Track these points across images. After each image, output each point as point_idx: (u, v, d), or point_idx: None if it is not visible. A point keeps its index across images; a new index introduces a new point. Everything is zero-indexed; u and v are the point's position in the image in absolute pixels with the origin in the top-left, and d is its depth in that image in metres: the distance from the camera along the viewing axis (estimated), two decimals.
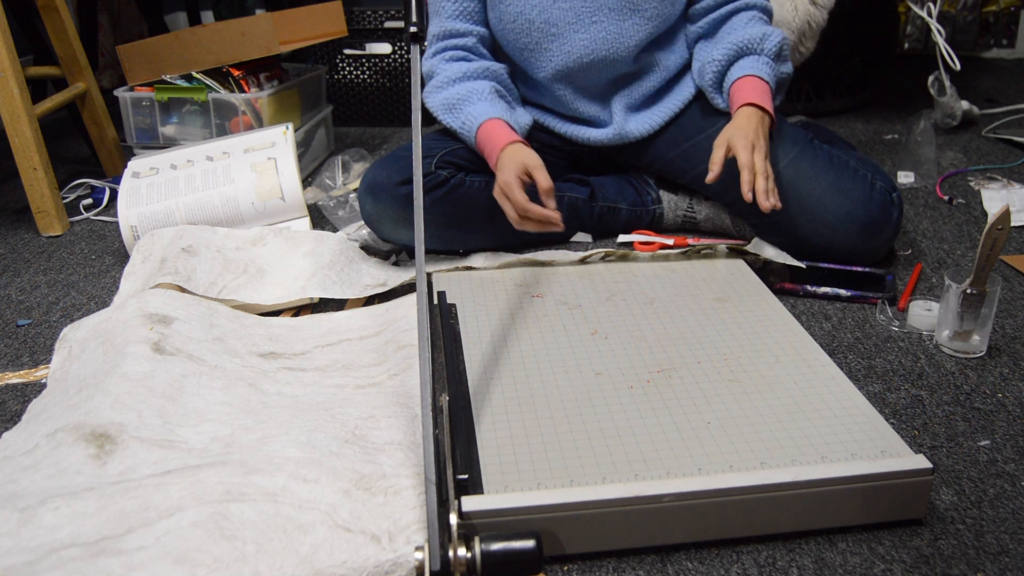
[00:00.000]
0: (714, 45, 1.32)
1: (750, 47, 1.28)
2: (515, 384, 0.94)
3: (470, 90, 1.28)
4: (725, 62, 1.29)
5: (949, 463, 0.87)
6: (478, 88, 1.28)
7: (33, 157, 1.47)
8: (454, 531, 0.69)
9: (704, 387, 0.93)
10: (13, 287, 1.33)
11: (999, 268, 1.31)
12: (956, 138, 1.97)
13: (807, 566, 0.75)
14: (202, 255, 1.23)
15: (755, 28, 1.29)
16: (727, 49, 1.28)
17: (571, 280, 1.20)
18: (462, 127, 1.28)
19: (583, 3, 1.28)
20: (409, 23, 1.08)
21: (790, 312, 1.10)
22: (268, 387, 0.99)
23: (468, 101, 1.27)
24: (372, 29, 2.29)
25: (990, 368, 1.04)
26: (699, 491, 0.75)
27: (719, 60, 1.29)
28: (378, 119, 2.24)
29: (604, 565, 0.75)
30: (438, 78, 1.31)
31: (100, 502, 0.76)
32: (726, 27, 1.33)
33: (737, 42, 1.28)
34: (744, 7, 1.32)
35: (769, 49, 1.27)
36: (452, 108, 1.29)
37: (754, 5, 1.32)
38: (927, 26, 2.11)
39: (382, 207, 1.28)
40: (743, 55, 1.28)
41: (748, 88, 1.24)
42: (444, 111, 1.30)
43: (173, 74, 1.68)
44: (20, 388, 1.05)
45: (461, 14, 1.32)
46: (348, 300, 1.23)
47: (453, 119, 1.29)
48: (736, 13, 1.32)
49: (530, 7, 1.29)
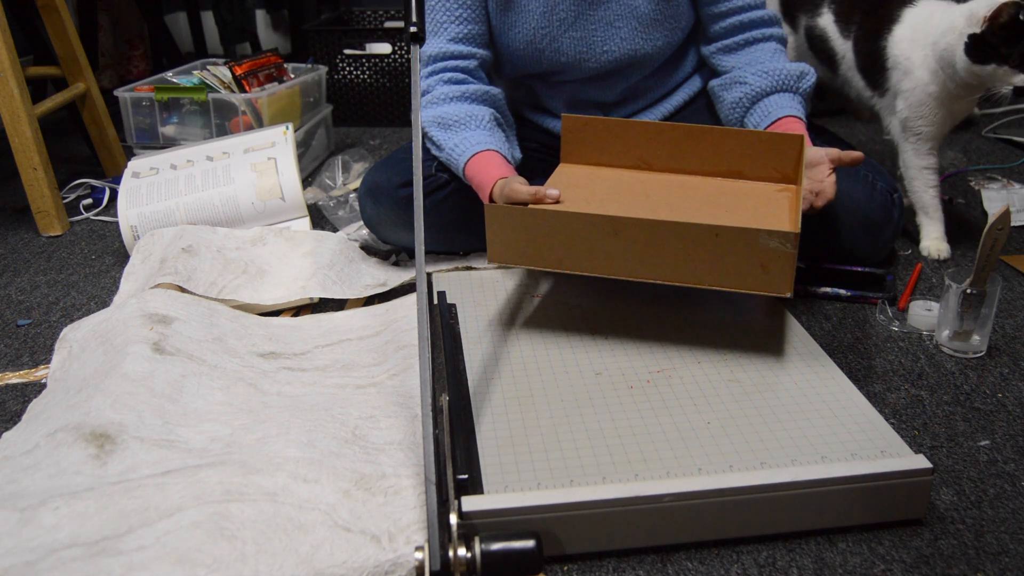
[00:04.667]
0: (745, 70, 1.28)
1: (787, 84, 1.25)
2: (515, 384, 0.94)
3: (469, 114, 1.23)
4: (760, 91, 1.25)
5: (949, 463, 0.87)
6: (477, 114, 1.24)
7: (33, 157, 1.47)
8: (454, 531, 0.69)
9: (704, 387, 0.93)
10: (13, 287, 1.33)
11: (999, 268, 1.31)
12: (956, 138, 1.97)
13: (807, 566, 0.75)
14: (202, 255, 1.23)
15: (789, 63, 1.26)
16: (763, 79, 1.25)
17: (571, 280, 1.20)
18: (453, 148, 1.22)
19: (594, 32, 1.27)
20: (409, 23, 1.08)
21: (790, 312, 1.10)
22: (268, 387, 0.99)
23: (465, 126, 1.23)
24: (372, 29, 2.30)
25: (990, 368, 1.04)
26: (699, 491, 0.75)
27: (752, 85, 1.26)
28: (378, 119, 2.24)
29: (604, 565, 0.75)
30: (434, 94, 1.26)
31: (100, 502, 0.76)
32: (750, 51, 1.29)
33: (774, 73, 1.25)
34: (767, 37, 1.29)
35: (804, 89, 1.25)
36: (446, 127, 1.24)
37: (774, 36, 1.30)
38: None
39: (382, 209, 1.28)
40: (780, 91, 1.25)
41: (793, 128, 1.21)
42: (436, 127, 1.24)
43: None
44: (20, 388, 1.05)
45: (464, 38, 1.27)
46: (348, 300, 1.23)
47: (445, 137, 1.23)
48: (760, 42, 1.29)
49: (540, 36, 1.27)
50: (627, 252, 0.95)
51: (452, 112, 1.23)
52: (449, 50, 1.27)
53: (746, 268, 0.92)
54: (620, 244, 0.94)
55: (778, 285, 0.91)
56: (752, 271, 0.92)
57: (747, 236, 0.90)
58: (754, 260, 0.91)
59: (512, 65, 1.33)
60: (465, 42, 1.27)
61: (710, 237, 0.91)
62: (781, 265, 0.90)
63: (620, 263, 0.96)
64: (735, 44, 1.30)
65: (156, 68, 2.64)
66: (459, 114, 1.23)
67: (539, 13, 1.26)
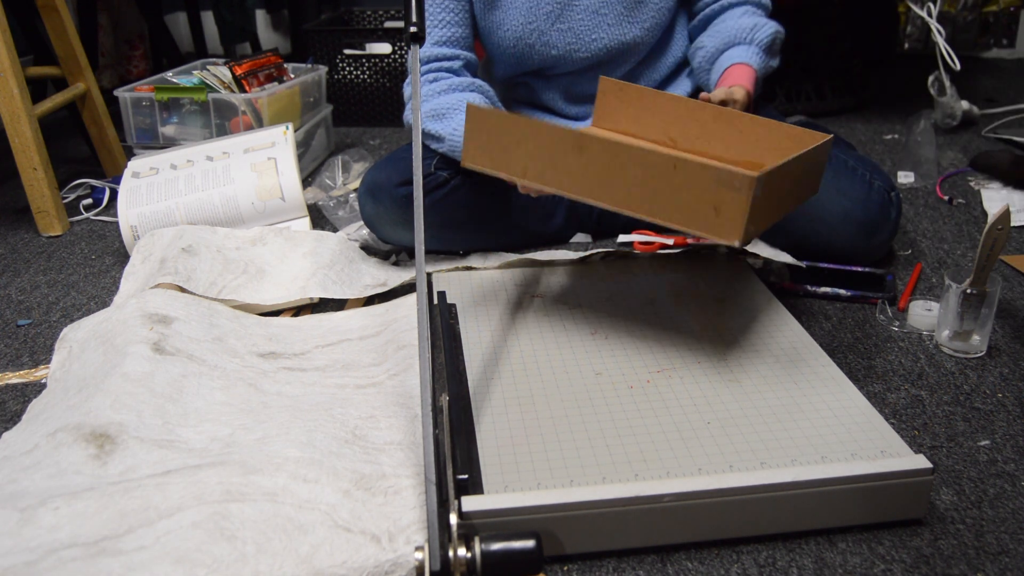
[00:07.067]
0: (706, 34, 1.33)
1: (740, 37, 1.28)
2: (515, 384, 0.94)
3: (460, 100, 1.24)
4: (715, 50, 1.29)
5: (949, 463, 0.87)
6: (470, 99, 1.25)
7: (33, 157, 1.47)
8: (454, 531, 0.69)
9: (704, 387, 0.93)
10: (13, 287, 1.33)
11: (999, 268, 1.31)
12: (956, 138, 1.97)
13: (807, 566, 0.75)
14: (202, 255, 1.23)
15: (748, 19, 1.29)
16: (718, 38, 1.29)
17: (571, 280, 1.20)
18: (452, 132, 1.23)
19: (581, 22, 1.28)
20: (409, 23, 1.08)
21: (790, 312, 1.10)
22: (268, 387, 0.99)
23: (458, 110, 1.23)
24: (372, 29, 2.29)
25: (990, 368, 1.04)
26: (699, 491, 0.75)
27: (708, 48, 1.30)
28: (378, 119, 2.24)
29: (604, 565, 0.75)
30: (423, 92, 1.27)
31: (100, 502, 0.76)
32: (722, 16, 1.33)
33: (728, 31, 1.28)
34: (741, 2, 1.33)
35: (760, 40, 1.27)
36: (440, 117, 1.25)
37: (748, 1, 1.33)
38: (927, 26, 2.11)
39: (382, 208, 1.28)
40: (733, 44, 1.28)
41: (735, 75, 1.24)
42: (430, 120, 1.26)
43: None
44: (20, 388, 1.05)
45: (448, 40, 1.29)
46: (348, 300, 1.23)
47: (442, 126, 1.24)
48: (732, 7, 1.33)
49: (528, 32, 1.28)
50: (587, 171, 0.92)
51: (444, 102, 1.25)
52: (435, 53, 1.29)
53: (699, 207, 0.87)
54: (582, 162, 0.92)
55: (728, 231, 0.86)
56: (704, 211, 0.87)
57: (704, 173, 0.86)
58: (707, 200, 0.86)
59: (505, 65, 1.33)
60: (450, 44, 1.30)
61: (668, 168, 0.88)
62: (733, 210, 0.85)
63: (580, 182, 0.94)
64: (711, 14, 1.34)
65: (156, 68, 2.64)
66: (451, 102, 1.25)
67: (525, 9, 1.27)
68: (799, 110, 2.16)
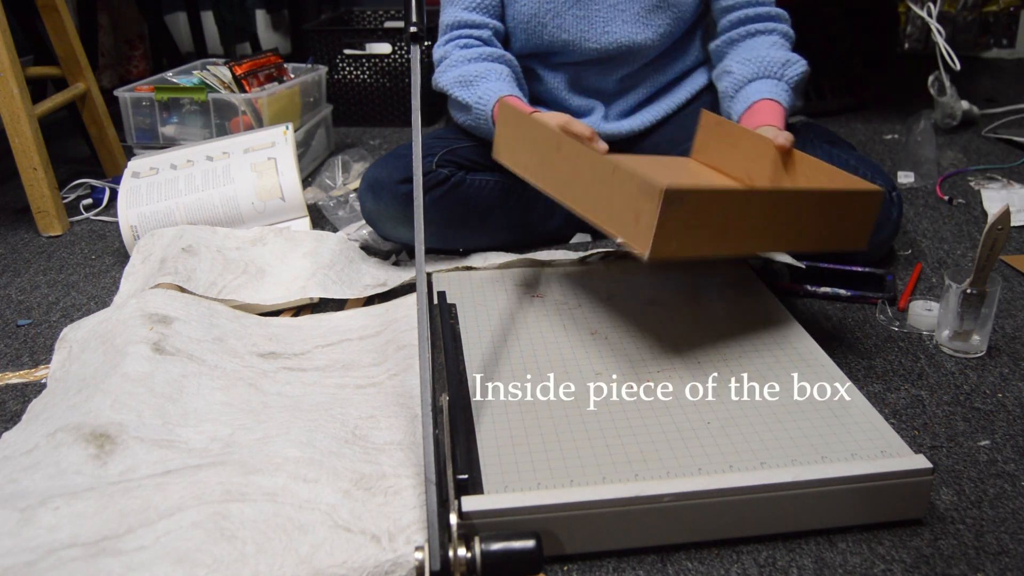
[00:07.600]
0: (735, 60, 1.29)
1: (771, 70, 1.25)
2: (515, 384, 0.94)
3: (488, 69, 1.26)
4: (743, 79, 1.26)
5: (949, 463, 0.87)
6: (496, 69, 1.26)
7: (33, 157, 1.47)
8: (454, 531, 0.69)
9: (704, 387, 0.93)
10: (13, 287, 1.33)
11: (999, 268, 1.31)
12: (956, 138, 1.97)
13: (807, 566, 0.75)
14: (202, 255, 1.23)
15: (779, 52, 1.27)
16: (748, 67, 1.26)
17: (571, 280, 1.20)
18: (478, 101, 1.24)
19: (597, 12, 1.28)
20: (409, 23, 1.08)
21: (790, 312, 1.10)
22: (268, 387, 0.99)
23: (486, 79, 1.24)
24: (372, 29, 2.29)
25: (990, 368, 1.04)
26: (699, 491, 0.75)
27: (737, 75, 1.27)
28: (378, 119, 2.24)
29: (604, 565, 0.75)
30: (452, 58, 1.29)
31: (100, 502, 0.76)
32: (750, 43, 1.30)
33: (758, 60, 1.25)
34: (770, 31, 1.30)
35: (791, 77, 1.25)
36: (468, 84, 1.26)
37: (777, 31, 1.30)
38: (927, 26, 2.11)
39: (383, 205, 1.28)
40: (762, 77, 1.26)
41: (767, 111, 1.22)
42: (458, 86, 1.27)
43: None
44: (20, 388, 1.05)
45: (478, 7, 1.31)
46: (348, 300, 1.23)
47: (468, 94, 1.26)
48: (760, 35, 1.30)
49: (544, 10, 1.29)
50: (559, 171, 0.98)
51: (472, 70, 1.27)
52: (464, 18, 1.31)
53: (624, 214, 0.89)
54: (557, 161, 0.97)
55: (641, 240, 0.87)
56: (627, 218, 0.89)
57: (631, 180, 0.87)
58: (632, 207, 0.87)
59: (516, 39, 1.34)
60: (479, 11, 1.31)
61: (608, 173, 0.90)
62: (646, 220, 0.85)
63: (552, 180, 0.99)
64: (738, 36, 1.32)
65: (156, 68, 2.64)
66: (479, 70, 1.26)
67: None
68: (799, 110, 2.16)
